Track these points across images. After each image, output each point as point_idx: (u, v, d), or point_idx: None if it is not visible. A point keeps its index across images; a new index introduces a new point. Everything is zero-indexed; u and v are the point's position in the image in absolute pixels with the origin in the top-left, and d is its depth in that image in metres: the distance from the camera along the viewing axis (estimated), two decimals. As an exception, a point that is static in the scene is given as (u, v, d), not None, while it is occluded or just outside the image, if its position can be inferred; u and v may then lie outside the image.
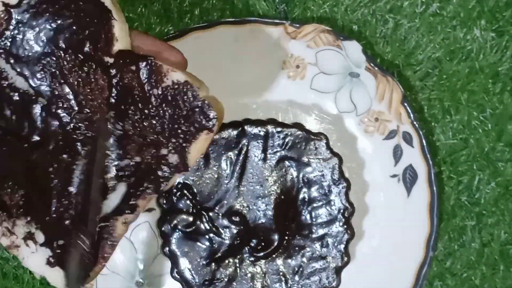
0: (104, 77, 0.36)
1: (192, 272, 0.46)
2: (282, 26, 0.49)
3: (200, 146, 0.37)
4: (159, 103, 0.36)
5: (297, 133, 0.46)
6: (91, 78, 0.36)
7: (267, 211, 0.46)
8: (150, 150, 0.37)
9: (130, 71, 0.36)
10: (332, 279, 0.45)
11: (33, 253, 0.38)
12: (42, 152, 0.37)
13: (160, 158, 0.37)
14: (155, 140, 0.37)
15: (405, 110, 0.48)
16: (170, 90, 0.36)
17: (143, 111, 0.36)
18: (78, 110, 0.37)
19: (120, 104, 0.36)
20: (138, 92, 0.36)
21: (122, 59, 0.36)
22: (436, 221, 0.48)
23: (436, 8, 0.50)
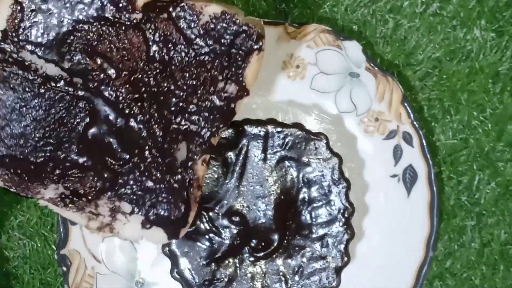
0: (137, 34, 0.36)
1: (192, 272, 0.46)
2: (282, 26, 0.49)
3: (254, 68, 0.37)
4: (203, 40, 0.36)
5: (297, 133, 0.46)
6: (123, 40, 0.36)
7: (267, 211, 0.46)
8: (207, 88, 0.37)
9: (163, 20, 0.35)
10: (332, 279, 0.45)
11: (126, 224, 0.38)
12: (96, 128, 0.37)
13: (219, 92, 0.37)
14: (209, 77, 0.37)
15: (405, 110, 0.48)
16: (210, 25, 0.36)
17: (188, 53, 0.36)
18: (116, 76, 0.36)
19: (163, 54, 0.36)
20: (178, 36, 0.36)
21: (151, 11, 0.35)
22: (436, 221, 0.48)
23: (436, 8, 0.50)
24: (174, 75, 0.36)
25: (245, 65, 0.37)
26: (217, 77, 0.37)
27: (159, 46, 0.36)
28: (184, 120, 0.37)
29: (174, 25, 0.35)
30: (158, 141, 0.37)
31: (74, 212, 0.38)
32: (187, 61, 0.36)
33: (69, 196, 0.38)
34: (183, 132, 0.37)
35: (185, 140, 0.37)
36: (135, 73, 0.36)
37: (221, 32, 0.36)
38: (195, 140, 0.38)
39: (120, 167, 0.37)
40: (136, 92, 0.37)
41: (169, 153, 0.37)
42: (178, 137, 0.37)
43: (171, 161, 0.38)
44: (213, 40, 0.36)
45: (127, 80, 0.36)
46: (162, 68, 0.36)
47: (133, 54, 0.36)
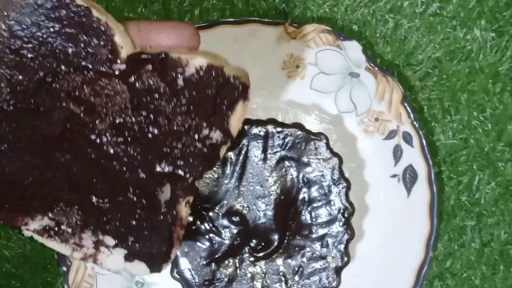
0: (121, 83, 0.36)
1: (192, 272, 0.46)
2: (282, 26, 0.49)
3: (239, 115, 0.37)
4: (188, 91, 0.36)
5: (297, 133, 0.46)
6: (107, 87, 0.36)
7: (267, 211, 0.46)
8: (192, 134, 0.37)
9: (147, 71, 0.36)
10: (332, 279, 0.45)
11: (109, 256, 0.39)
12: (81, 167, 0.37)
13: (203, 139, 0.37)
14: (193, 125, 0.37)
15: (405, 110, 0.48)
16: (195, 77, 0.36)
17: (173, 102, 0.36)
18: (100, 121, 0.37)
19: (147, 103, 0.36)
20: (163, 87, 0.36)
21: (135, 63, 0.36)
22: (436, 221, 0.48)
23: (436, 8, 0.50)
24: (159, 122, 0.37)
25: (230, 114, 0.37)
26: (202, 125, 0.37)
27: (143, 95, 0.36)
28: (168, 165, 0.38)
29: (158, 76, 0.36)
30: (142, 183, 0.38)
31: (58, 243, 0.39)
32: (172, 110, 0.36)
33: (53, 228, 0.38)
34: (167, 176, 0.38)
35: (169, 183, 0.38)
36: (119, 119, 0.37)
37: (207, 84, 0.36)
38: (179, 183, 0.38)
39: (104, 205, 0.38)
40: (120, 136, 0.37)
41: (152, 195, 0.38)
42: (162, 180, 0.38)
43: (154, 202, 0.38)
44: (198, 91, 0.36)
45: (110, 124, 0.37)
46: (146, 115, 0.36)
47: (117, 101, 0.36)
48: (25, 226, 0.38)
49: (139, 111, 0.36)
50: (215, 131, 0.37)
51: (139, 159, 0.37)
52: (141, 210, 0.38)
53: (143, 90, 0.36)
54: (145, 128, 0.37)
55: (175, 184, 0.38)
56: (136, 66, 0.36)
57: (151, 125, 0.37)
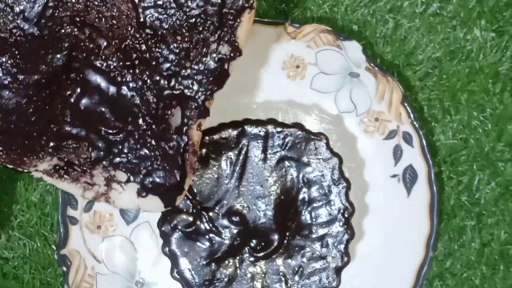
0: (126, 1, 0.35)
1: (192, 272, 0.46)
2: (282, 26, 0.49)
3: (246, 27, 0.37)
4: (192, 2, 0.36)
5: (297, 133, 0.46)
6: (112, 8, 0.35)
7: (267, 211, 0.46)
8: (200, 50, 0.36)
9: None
10: (332, 279, 0.45)
11: (121, 193, 0.38)
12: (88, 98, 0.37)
13: (212, 54, 0.36)
14: (201, 39, 0.36)
15: (405, 110, 0.48)
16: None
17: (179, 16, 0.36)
18: (106, 45, 0.36)
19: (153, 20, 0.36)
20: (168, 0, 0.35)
21: None
22: (436, 221, 0.48)
23: (436, 8, 0.50)
24: (166, 39, 0.36)
25: (237, 25, 0.36)
26: (209, 39, 0.36)
27: (149, 11, 0.35)
28: (177, 85, 0.37)
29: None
30: (151, 108, 0.37)
31: (69, 183, 0.38)
32: (178, 25, 0.36)
33: (63, 167, 0.37)
34: (177, 97, 0.37)
35: (179, 105, 0.37)
36: (125, 41, 0.36)
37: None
38: (189, 105, 0.37)
39: (114, 136, 0.37)
40: (127, 60, 0.36)
41: (163, 119, 0.37)
42: (172, 102, 0.37)
43: (165, 127, 0.37)
44: (203, 1, 0.36)
45: (117, 48, 0.36)
46: (153, 34, 0.36)
47: (123, 22, 0.36)
48: (34, 168, 0.37)
49: (145, 29, 0.36)
50: (223, 45, 0.37)
51: (147, 82, 0.37)
52: (152, 137, 0.37)
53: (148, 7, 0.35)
54: (152, 48, 0.36)
55: (185, 106, 0.37)
56: None
57: (158, 44, 0.36)
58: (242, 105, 0.49)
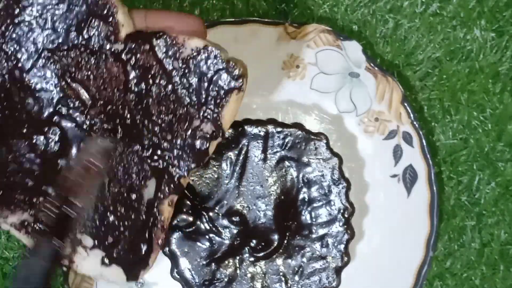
0: (116, 64, 0.35)
1: (192, 272, 0.46)
2: (282, 26, 0.49)
3: (232, 108, 0.36)
4: (182, 74, 0.35)
5: (297, 133, 0.46)
6: (102, 69, 0.35)
7: (267, 211, 0.46)
8: (182, 125, 0.36)
9: (144, 51, 0.35)
10: (332, 279, 0.45)
11: (86, 258, 0.37)
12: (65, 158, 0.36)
13: (194, 131, 0.36)
14: (185, 114, 0.36)
15: (405, 110, 0.48)
16: (190, 59, 0.35)
17: (166, 87, 0.35)
18: (91, 105, 0.36)
19: (140, 86, 0.35)
20: (158, 69, 0.35)
21: (133, 41, 0.35)
22: (436, 221, 0.48)
23: (436, 8, 0.50)
24: (150, 108, 0.36)
25: (223, 105, 0.36)
26: (194, 115, 0.36)
27: (138, 77, 0.35)
28: (156, 157, 0.36)
29: (154, 57, 0.35)
30: (126, 176, 0.36)
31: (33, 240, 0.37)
32: (165, 95, 0.35)
33: (31, 224, 0.37)
34: (153, 169, 0.36)
35: (154, 178, 0.37)
36: (110, 104, 0.36)
37: (202, 68, 0.35)
38: (164, 179, 0.37)
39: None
40: (110, 124, 0.36)
41: (136, 190, 0.37)
42: (148, 173, 0.37)
43: (137, 198, 0.37)
44: (192, 75, 0.35)
45: (102, 110, 0.36)
46: (139, 100, 0.35)
47: (111, 84, 0.35)
48: (3, 219, 0.37)
49: (131, 95, 0.36)
50: (206, 123, 0.36)
51: (126, 149, 0.36)
52: (123, 206, 0.37)
53: (138, 73, 0.35)
54: (136, 115, 0.36)
55: (161, 180, 0.37)
56: (134, 45, 0.35)
57: (142, 112, 0.36)
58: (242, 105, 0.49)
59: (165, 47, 0.35)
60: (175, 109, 0.36)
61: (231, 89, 0.35)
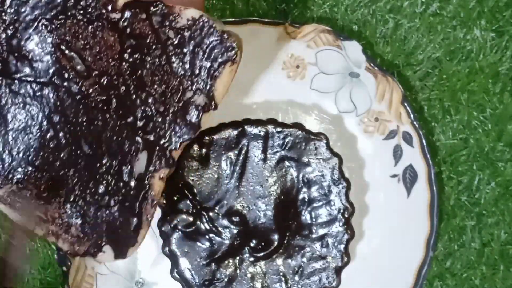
0: (113, 34, 0.35)
1: (192, 272, 0.46)
2: (282, 26, 0.49)
3: (225, 80, 0.36)
4: (176, 44, 0.35)
5: (297, 133, 0.46)
6: (98, 38, 0.35)
7: (267, 211, 0.46)
8: (174, 96, 0.36)
9: (140, 20, 0.35)
10: (332, 279, 0.45)
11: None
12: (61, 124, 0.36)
13: (186, 102, 0.36)
14: (178, 85, 0.36)
15: (405, 110, 0.48)
16: (185, 29, 0.35)
17: (161, 57, 0.35)
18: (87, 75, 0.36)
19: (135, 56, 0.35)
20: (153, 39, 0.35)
21: (130, 10, 0.35)
22: (436, 221, 0.48)
23: (436, 8, 0.50)
24: (144, 79, 0.35)
25: (216, 76, 0.36)
26: (187, 86, 0.36)
27: (133, 47, 0.35)
28: (148, 129, 0.36)
29: (150, 26, 0.35)
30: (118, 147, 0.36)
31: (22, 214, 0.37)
32: (158, 65, 0.35)
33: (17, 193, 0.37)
34: (145, 142, 0.36)
35: (146, 150, 0.36)
36: (105, 74, 0.36)
37: (196, 38, 0.35)
38: (156, 152, 0.36)
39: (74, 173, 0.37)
40: (104, 94, 0.36)
41: (127, 162, 0.36)
42: (139, 146, 0.36)
43: (128, 171, 0.36)
44: (187, 46, 0.35)
45: (97, 81, 0.36)
46: (133, 71, 0.35)
47: (106, 54, 0.35)
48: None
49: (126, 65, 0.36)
50: (199, 95, 0.35)
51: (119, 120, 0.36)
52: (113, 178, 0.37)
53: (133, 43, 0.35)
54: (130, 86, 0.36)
55: (152, 152, 0.36)
56: (130, 14, 0.35)
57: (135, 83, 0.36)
58: (242, 105, 0.49)
59: (160, 17, 0.35)
60: (169, 80, 0.35)
61: (225, 60, 0.35)
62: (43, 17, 0.35)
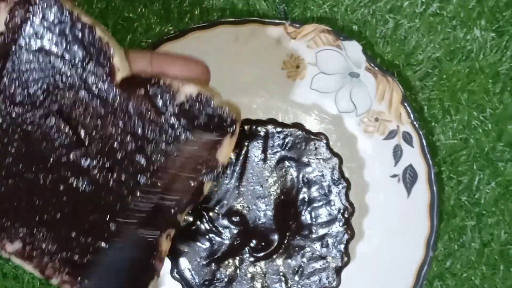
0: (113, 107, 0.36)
1: (192, 272, 0.46)
2: (282, 26, 0.49)
3: (225, 151, 0.37)
4: (177, 119, 0.36)
5: (297, 133, 0.46)
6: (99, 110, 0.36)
7: (267, 211, 0.46)
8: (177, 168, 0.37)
9: (139, 96, 0.35)
10: (332, 279, 0.45)
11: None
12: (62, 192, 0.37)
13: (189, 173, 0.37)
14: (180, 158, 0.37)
15: (405, 110, 0.48)
16: (185, 105, 0.36)
17: (162, 131, 0.36)
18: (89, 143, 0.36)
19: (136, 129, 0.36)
20: (153, 114, 0.36)
21: (128, 86, 0.35)
22: (436, 221, 0.48)
23: (436, 8, 0.50)
24: (146, 150, 0.36)
25: (218, 147, 0.37)
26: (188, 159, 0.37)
27: (133, 121, 0.36)
28: (152, 195, 0.37)
29: (149, 102, 0.36)
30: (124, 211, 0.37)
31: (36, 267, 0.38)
32: (159, 139, 0.36)
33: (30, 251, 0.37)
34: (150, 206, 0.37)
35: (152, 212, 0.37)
36: (107, 144, 0.36)
37: (196, 113, 0.36)
38: (161, 214, 0.37)
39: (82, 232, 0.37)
40: (107, 161, 0.36)
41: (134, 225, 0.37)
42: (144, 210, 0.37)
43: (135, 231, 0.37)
44: (187, 120, 0.36)
45: (99, 149, 0.36)
46: (135, 142, 0.36)
47: (107, 125, 0.36)
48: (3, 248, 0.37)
49: (128, 137, 0.36)
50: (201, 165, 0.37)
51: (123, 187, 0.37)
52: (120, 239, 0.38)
53: (133, 115, 0.36)
54: (132, 155, 0.37)
55: (157, 214, 0.38)
56: (129, 90, 0.35)
57: (138, 153, 0.37)
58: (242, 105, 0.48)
59: (160, 93, 0.35)
60: (170, 152, 0.36)
61: (224, 134, 0.36)
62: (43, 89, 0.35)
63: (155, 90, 0.36)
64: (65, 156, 0.36)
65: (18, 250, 0.37)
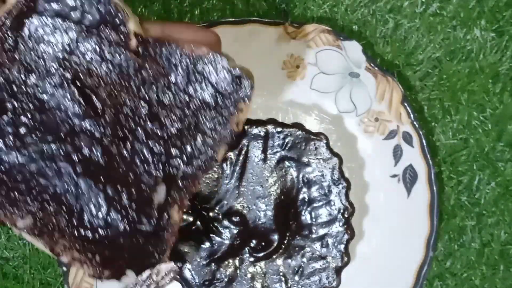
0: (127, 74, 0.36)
1: (192, 272, 0.46)
2: (282, 26, 0.49)
3: (241, 117, 0.37)
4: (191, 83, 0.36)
5: (297, 133, 0.46)
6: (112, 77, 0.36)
7: (267, 211, 0.46)
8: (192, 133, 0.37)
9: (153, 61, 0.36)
10: (332, 279, 0.45)
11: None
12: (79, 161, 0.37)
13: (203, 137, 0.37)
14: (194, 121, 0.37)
15: (405, 110, 0.48)
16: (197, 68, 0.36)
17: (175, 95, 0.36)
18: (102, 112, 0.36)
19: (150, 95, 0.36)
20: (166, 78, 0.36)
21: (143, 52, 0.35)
22: (436, 221, 0.48)
23: (436, 8, 0.50)
24: (160, 117, 0.36)
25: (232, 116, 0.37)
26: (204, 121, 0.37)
27: (147, 86, 0.36)
28: (166, 163, 0.37)
29: (162, 66, 0.36)
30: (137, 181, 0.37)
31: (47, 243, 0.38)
32: (174, 104, 0.36)
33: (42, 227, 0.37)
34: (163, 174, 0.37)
35: (164, 183, 0.37)
36: (121, 111, 0.36)
37: (209, 76, 0.36)
38: (174, 185, 0.37)
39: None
40: (120, 130, 0.36)
41: (146, 194, 0.37)
42: (158, 179, 0.37)
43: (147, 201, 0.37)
44: (199, 83, 0.36)
45: (112, 117, 0.36)
46: (149, 109, 0.36)
47: (121, 93, 0.36)
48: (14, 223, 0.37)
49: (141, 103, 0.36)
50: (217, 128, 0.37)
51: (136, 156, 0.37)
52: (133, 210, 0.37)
53: (147, 81, 0.36)
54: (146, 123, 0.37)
55: (170, 185, 0.37)
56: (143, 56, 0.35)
57: (151, 120, 0.37)
58: (242, 105, 0.49)
59: (172, 57, 0.35)
60: (184, 117, 0.36)
61: (241, 97, 0.36)
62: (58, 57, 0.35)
63: (168, 54, 0.36)
64: (78, 126, 0.36)
65: (29, 226, 0.37)
